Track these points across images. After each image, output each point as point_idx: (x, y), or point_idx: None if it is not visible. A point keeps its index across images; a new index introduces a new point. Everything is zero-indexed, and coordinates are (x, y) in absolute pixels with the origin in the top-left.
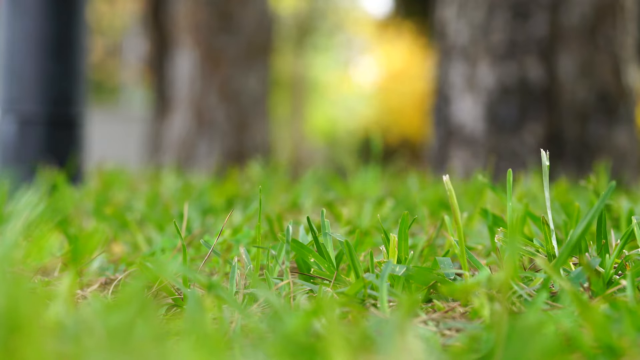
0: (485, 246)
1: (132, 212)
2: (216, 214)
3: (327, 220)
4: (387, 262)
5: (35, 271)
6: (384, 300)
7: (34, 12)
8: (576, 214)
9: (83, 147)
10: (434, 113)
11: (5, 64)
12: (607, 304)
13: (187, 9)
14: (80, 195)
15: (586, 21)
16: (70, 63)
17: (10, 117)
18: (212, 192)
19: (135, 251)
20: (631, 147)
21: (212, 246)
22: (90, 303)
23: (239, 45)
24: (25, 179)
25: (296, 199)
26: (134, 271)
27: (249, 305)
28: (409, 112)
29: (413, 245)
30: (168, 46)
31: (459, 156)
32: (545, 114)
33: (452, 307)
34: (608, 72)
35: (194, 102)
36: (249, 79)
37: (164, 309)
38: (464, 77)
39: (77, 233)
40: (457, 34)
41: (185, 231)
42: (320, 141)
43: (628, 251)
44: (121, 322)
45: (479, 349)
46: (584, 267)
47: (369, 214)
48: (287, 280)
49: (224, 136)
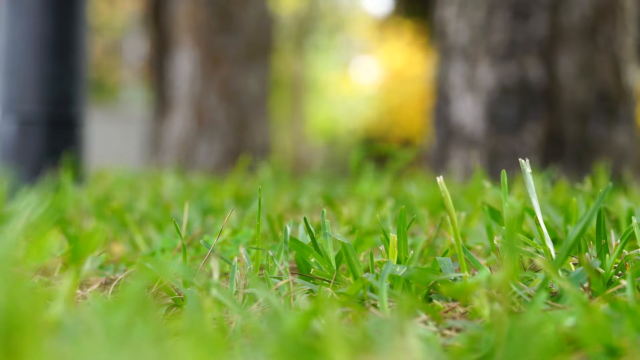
0: (484, 246)
1: (132, 212)
2: (216, 214)
3: (327, 220)
4: (387, 262)
5: (35, 271)
6: (384, 300)
7: (34, 12)
8: (575, 214)
9: (83, 147)
10: (434, 113)
11: (5, 64)
12: (607, 304)
13: (187, 9)
14: (80, 195)
15: (586, 21)
16: (70, 63)
17: (10, 117)
18: (212, 192)
19: (135, 251)
20: (631, 147)
21: (212, 246)
22: (90, 303)
23: (239, 46)
24: (26, 179)
25: (296, 198)
26: (134, 271)
27: (249, 305)
28: (409, 112)
29: (413, 245)
30: (168, 46)
31: (459, 156)
32: (545, 114)
33: (452, 307)
34: (608, 72)
35: (194, 102)
36: (249, 79)
37: (164, 309)
38: (464, 77)
39: (77, 233)
40: (457, 34)
41: (185, 231)
42: (320, 141)
43: (628, 251)
44: (121, 322)
45: (479, 349)
46: (584, 267)
47: (369, 214)
48: (286, 280)
49: (224, 136)
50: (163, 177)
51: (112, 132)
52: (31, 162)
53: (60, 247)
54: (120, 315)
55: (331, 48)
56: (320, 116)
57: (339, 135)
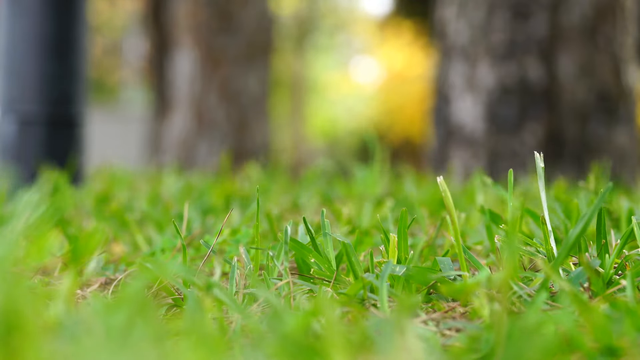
0: (484, 246)
1: (132, 212)
2: (216, 214)
3: (327, 220)
4: (387, 262)
5: (35, 271)
6: (384, 300)
7: (34, 12)
8: (575, 214)
9: (83, 147)
10: (434, 113)
11: (5, 64)
12: (607, 304)
13: (187, 9)
14: (80, 196)
15: (586, 21)
16: (70, 63)
17: (10, 117)
18: (213, 192)
19: (135, 251)
20: (631, 147)
21: (212, 246)
22: (90, 303)
23: (239, 46)
24: (26, 179)
25: (296, 198)
26: (134, 271)
27: (249, 306)
28: (409, 112)
29: (413, 245)
30: (168, 46)
31: (459, 156)
32: (545, 114)
33: (452, 307)
34: (608, 72)
35: (194, 102)
36: (249, 79)
37: (164, 309)
38: (464, 77)
39: (77, 233)
40: (457, 34)
41: (185, 231)
42: (320, 141)
43: (628, 251)
44: (121, 322)
45: (479, 349)
46: (584, 267)
47: (369, 214)
48: (286, 280)
49: (224, 136)
50: (163, 177)
51: (112, 132)
52: (31, 162)
53: (60, 247)
54: (120, 315)
55: (331, 48)
56: (320, 116)
57: (339, 135)
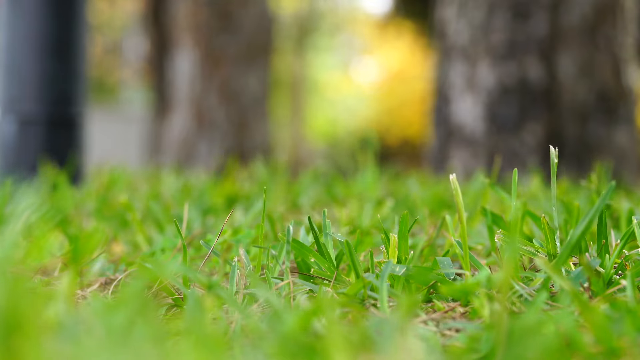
0: (485, 246)
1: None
2: (216, 214)
3: (328, 220)
4: (387, 262)
5: (35, 271)
6: (384, 300)
7: (34, 12)
8: (576, 214)
9: (83, 147)
10: (434, 113)
11: (5, 64)
12: (607, 304)
13: (187, 9)
14: (80, 196)
15: (586, 21)
16: (70, 63)
17: (10, 117)
18: (213, 192)
19: (135, 251)
20: (631, 147)
21: (212, 246)
22: (90, 303)
23: (239, 46)
24: (26, 179)
25: (296, 198)
26: (134, 271)
27: (249, 305)
28: (409, 112)
29: (413, 245)
30: (168, 46)
31: (459, 156)
32: (545, 114)
33: (452, 307)
34: (608, 72)
35: (194, 102)
36: (249, 79)
37: (164, 309)
38: (464, 77)
39: (77, 233)
40: (457, 34)
41: (185, 231)
42: (320, 141)
43: (628, 251)
44: (121, 322)
45: (479, 349)
46: (584, 267)
47: (369, 214)
48: (287, 280)
49: (224, 136)
50: (163, 177)
51: (112, 132)
52: (31, 162)
53: (60, 247)
54: (121, 315)
55: (331, 48)
56: (320, 116)
57: (339, 135)
